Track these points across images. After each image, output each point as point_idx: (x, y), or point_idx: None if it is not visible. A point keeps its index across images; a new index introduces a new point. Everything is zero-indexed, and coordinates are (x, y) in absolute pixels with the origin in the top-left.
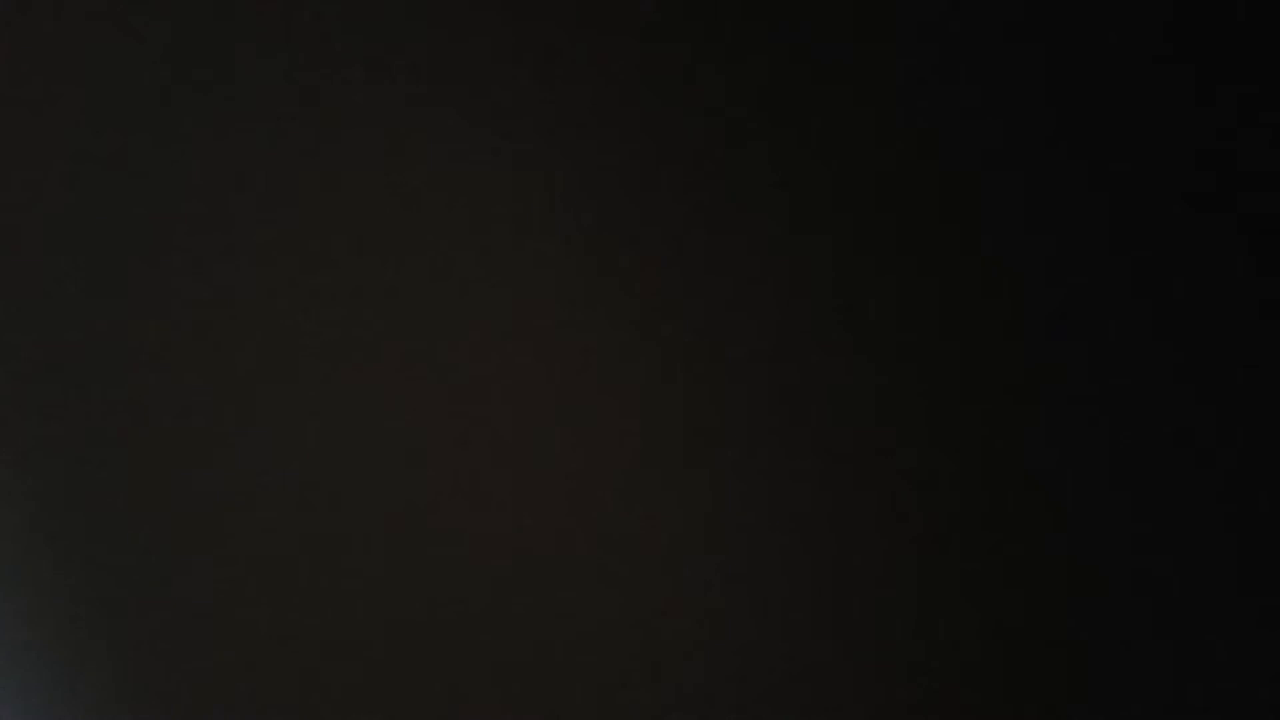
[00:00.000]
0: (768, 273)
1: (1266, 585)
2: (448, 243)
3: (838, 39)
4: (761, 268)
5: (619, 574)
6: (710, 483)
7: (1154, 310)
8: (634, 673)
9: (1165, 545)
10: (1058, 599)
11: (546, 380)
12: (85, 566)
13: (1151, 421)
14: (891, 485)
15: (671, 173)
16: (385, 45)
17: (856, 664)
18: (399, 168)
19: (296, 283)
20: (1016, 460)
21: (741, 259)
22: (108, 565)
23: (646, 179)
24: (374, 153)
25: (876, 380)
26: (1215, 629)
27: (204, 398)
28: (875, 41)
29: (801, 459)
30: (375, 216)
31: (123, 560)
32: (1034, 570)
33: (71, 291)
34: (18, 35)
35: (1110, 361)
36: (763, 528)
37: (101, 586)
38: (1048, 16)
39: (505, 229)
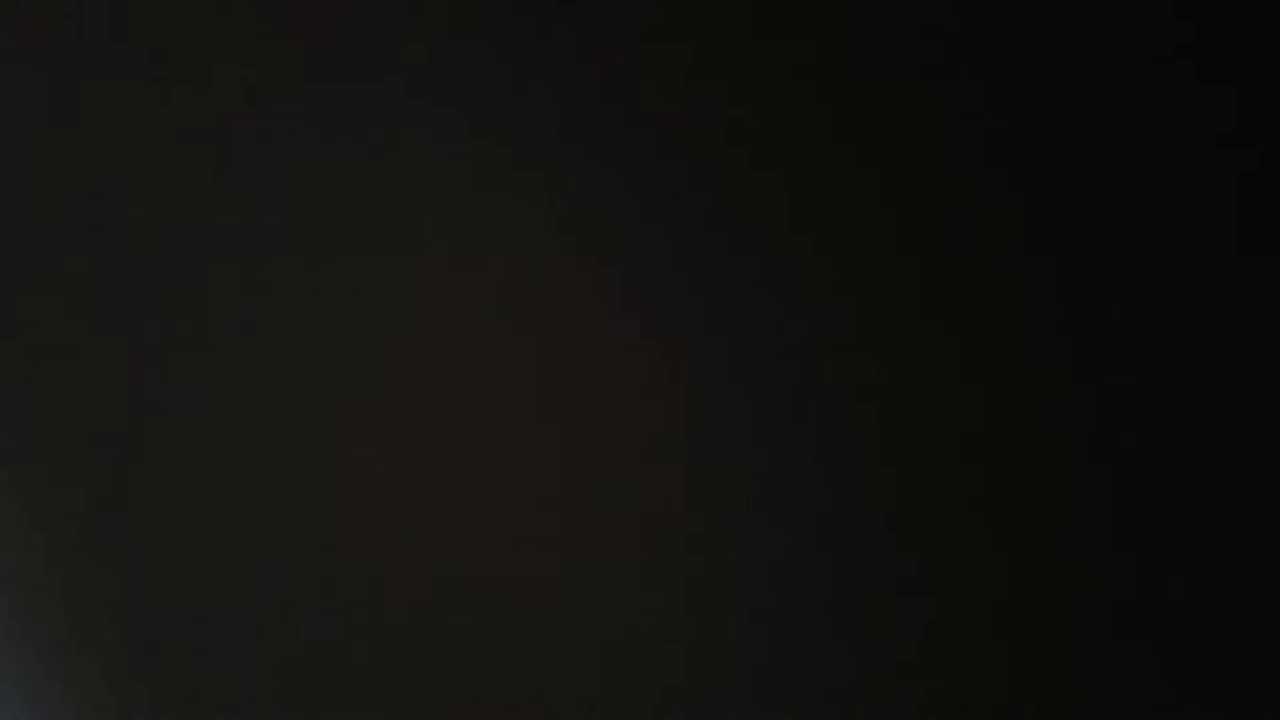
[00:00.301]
0: (768, 273)
1: (1266, 585)
2: (447, 243)
3: (838, 39)
4: (762, 267)
5: (619, 574)
6: (710, 483)
7: (1154, 310)
8: (634, 673)
9: (1166, 545)
10: (1058, 600)
11: (546, 381)
12: (85, 567)
13: (1152, 421)
14: (892, 486)
15: (672, 173)
16: (385, 45)
17: (857, 664)
18: (399, 168)
19: (297, 283)
20: (1017, 461)
21: (741, 259)
22: (107, 566)
23: (647, 179)
24: (374, 152)
25: (877, 381)
26: (1215, 630)
27: (203, 399)
28: (875, 41)
29: (802, 459)
30: (374, 216)
31: (122, 561)
32: (1034, 571)
33: (71, 292)
34: (16, 35)
35: (1110, 362)
36: (763, 529)
37: (101, 587)
38: (1048, 16)
39: (505, 229)
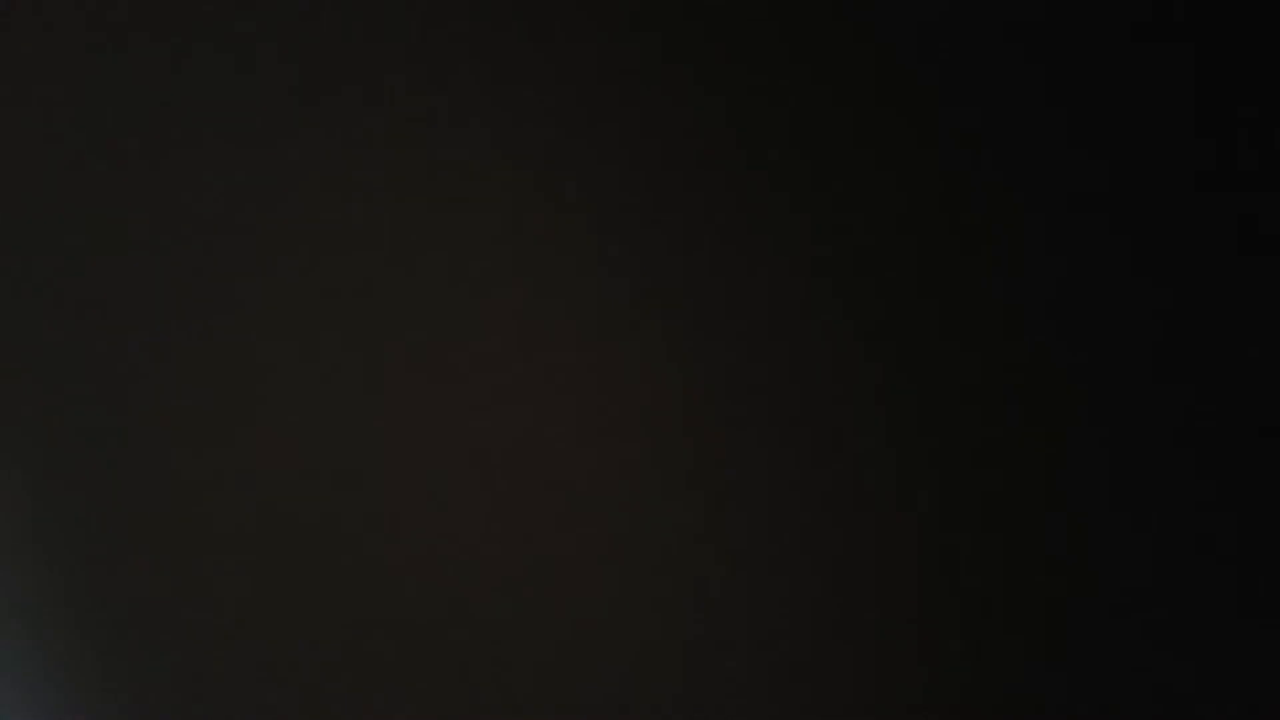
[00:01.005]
0: (771, 274)
1: (1266, 585)
2: (446, 244)
3: (838, 40)
4: (765, 270)
5: (619, 577)
6: (710, 486)
7: (1154, 311)
8: (633, 676)
9: (1166, 547)
10: (1057, 601)
11: (547, 383)
12: (84, 568)
13: (1151, 422)
14: (894, 488)
15: (674, 174)
16: (387, 43)
17: (857, 665)
18: (398, 168)
19: (298, 284)
20: (1017, 464)
21: (744, 261)
22: (106, 568)
23: (651, 180)
24: (374, 152)
25: (878, 382)
26: (1216, 631)
27: (208, 398)
28: (875, 42)
29: (803, 462)
30: (374, 216)
31: (121, 563)
32: (1033, 573)
33: (71, 290)
34: (14, 34)
35: (1111, 362)
36: (764, 533)
37: (100, 589)
38: (1048, 16)
39: (504, 230)
